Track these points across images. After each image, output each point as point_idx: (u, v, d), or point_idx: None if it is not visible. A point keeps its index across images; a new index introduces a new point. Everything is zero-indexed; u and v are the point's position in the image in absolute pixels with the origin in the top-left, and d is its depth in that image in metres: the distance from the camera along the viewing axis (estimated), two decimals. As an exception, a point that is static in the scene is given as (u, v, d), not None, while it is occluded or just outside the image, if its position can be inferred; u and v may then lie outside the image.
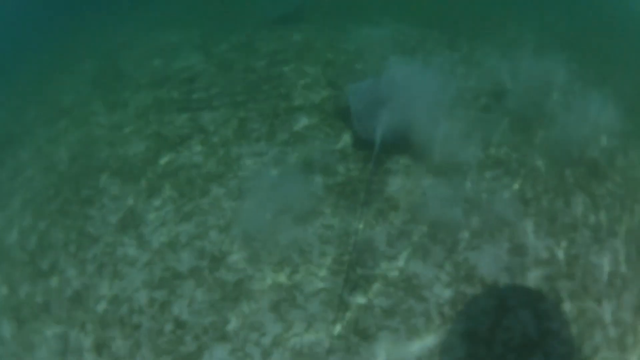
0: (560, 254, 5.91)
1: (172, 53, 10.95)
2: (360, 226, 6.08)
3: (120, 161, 7.76)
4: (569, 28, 12.66)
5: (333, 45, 10.12)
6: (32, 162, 8.63)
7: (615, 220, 6.50)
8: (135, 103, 9.32)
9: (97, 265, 6.26)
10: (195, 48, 10.96)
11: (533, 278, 5.68)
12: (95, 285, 6.12)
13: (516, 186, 6.71)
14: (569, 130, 7.72)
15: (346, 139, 7.29)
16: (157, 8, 14.37)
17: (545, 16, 13.03)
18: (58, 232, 6.84)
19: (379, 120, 6.92)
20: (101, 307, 5.89)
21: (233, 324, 5.36)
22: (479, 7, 12.75)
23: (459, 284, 5.54)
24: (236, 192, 6.74)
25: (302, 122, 7.73)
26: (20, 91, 12.21)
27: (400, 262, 5.73)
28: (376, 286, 5.55)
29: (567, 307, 5.47)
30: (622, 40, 12.75)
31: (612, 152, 7.51)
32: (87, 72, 11.46)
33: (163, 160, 7.59)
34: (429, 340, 5.13)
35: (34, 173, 8.27)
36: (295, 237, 6.02)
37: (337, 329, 5.24)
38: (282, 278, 5.71)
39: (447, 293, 5.47)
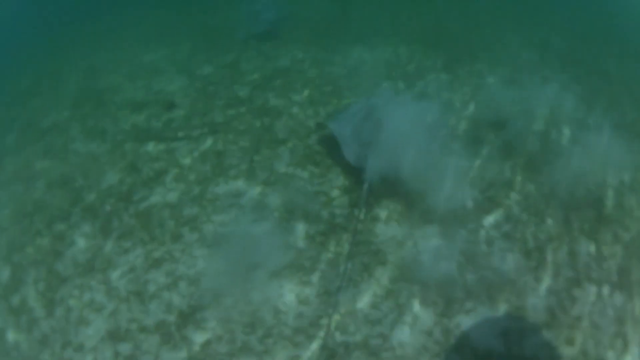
0: (562, 316, 5.24)
1: (156, 74, 10.33)
2: (343, 284, 5.41)
3: (94, 195, 7.16)
4: (567, 43, 11.96)
5: (322, 69, 9.48)
6: (6, 188, 7.98)
7: (624, 271, 5.81)
8: (113, 129, 8.69)
9: (65, 308, 5.71)
10: (179, 69, 10.34)
11: (531, 345, 5.00)
12: (62, 329, 5.55)
13: (517, 234, 6.02)
14: (575, 167, 7.06)
15: (332, 179, 6.64)
16: (147, 22, 13.71)
17: (543, 30, 12.35)
18: (29, 267, 6.31)
19: (368, 150, 6.32)
20: (67, 354, 5.31)
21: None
22: (474, 24, 12.07)
23: (448, 354, 4.87)
24: (210, 239, 6.11)
25: (285, 158, 7.08)
26: (2, 111, 11.56)
27: (385, 329, 5.06)
28: (356, 355, 4.88)
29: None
30: (624, 52, 12.02)
31: (621, 191, 6.82)
32: (70, 93, 10.81)
33: (136, 197, 6.97)
34: None
35: (8, 200, 7.62)
36: (269, 296, 5.36)
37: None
38: (254, 342, 5.05)
39: (435, 367, 4.81)
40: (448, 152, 6.96)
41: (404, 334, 5.02)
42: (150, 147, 7.86)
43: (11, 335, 5.68)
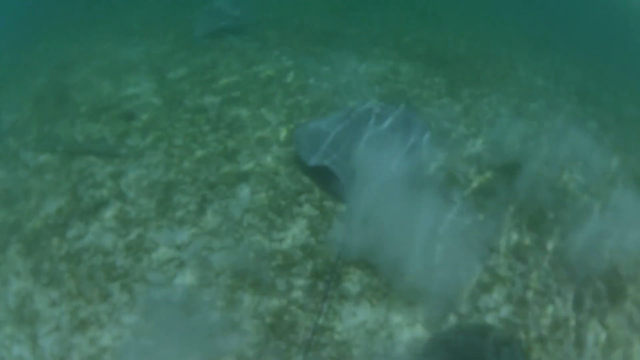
0: None
1: (126, 73, 8.75)
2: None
3: (32, 223, 5.71)
4: (581, 70, 10.34)
5: (308, 82, 7.82)
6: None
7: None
8: (66, 139, 7.15)
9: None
10: (152, 69, 8.73)
11: None
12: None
13: (518, 319, 4.48)
14: (590, 229, 5.46)
15: (296, 234, 5.07)
16: (135, 13, 12.02)
17: (556, 55, 10.63)
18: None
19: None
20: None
21: None
22: (485, 47, 10.29)
23: None
24: (140, 305, 4.65)
25: (244, 199, 5.52)
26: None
27: None
28: None
29: None
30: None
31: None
32: (37, 87, 9.25)
33: (71, 234, 5.48)
34: None
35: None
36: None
37: None
38: None
39: None
40: (441, 206, 5.35)
41: None
42: (97, 168, 6.31)
43: None
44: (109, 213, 5.64)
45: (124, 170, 6.22)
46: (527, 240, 5.41)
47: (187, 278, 4.81)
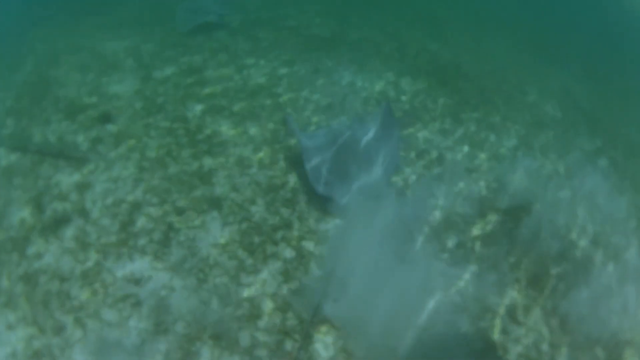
0: None
1: (110, 68, 7.98)
2: None
3: None
4: (589, 93, 9.62)
5: (300, 94, 7.04)
6: None
7: None
8: (39, 139, 6.47)
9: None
10: (137, 66, 7.96)
11: None
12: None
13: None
14: (595, 290, 4.82)
15: (267, 280, 4.34)
16: (131, 3, 11.11)
17: (563, 77, 9.85)
18: None
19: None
20: None
21: None
22: (492, 66, 9.47)
23: None
24: (92, 344, 4.07)
25: (213, 232, 4.82)
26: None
27: None
28: None
29: None
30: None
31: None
32: (20, 80, 8.48)
33: (31, 251, 4.89)
34: None
35: None
36: None
37: None
38: None
39: None
40: (427, 256, 4.64)
41: None
42: (65, 175, 5.59)
43: None
44: (69, 232, 5.01)
45: (91, 182, 5.53)
46: (525, 299, 4.70)
47: (142, 321, 4.12)
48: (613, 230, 5.86)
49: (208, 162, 5.59)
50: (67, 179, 5.68)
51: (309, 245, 4.69)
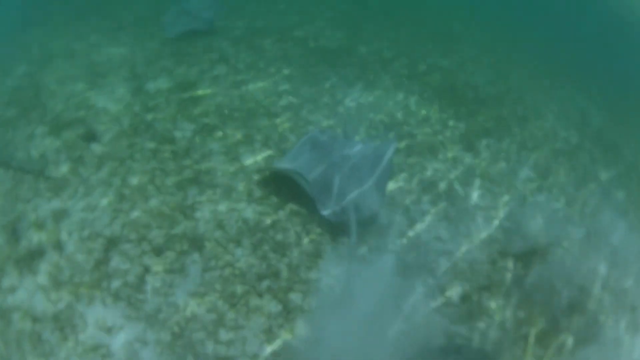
0: None
1: (102, 77, 7.56)
2: None
3: None
4: (605, 117, 9.17)
5: (300, 114, 6.54)
6: None
7: None
8: (22, 154, 6.05)
9: None
10: (130, 76, 7.51)
11: None
12: None
13: None
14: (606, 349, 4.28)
15: (247, 336, 3.89)
16: (125, 7, 10.66)
17: (580, 99, 9.27)
18: None
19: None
20: None
21: None
22: (508, 87, 8.88)
23: None
24: None
25: (192, 277, 4.36)
26: None
27: None
28: None
29: None
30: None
31: None
32: (11, 85, 8.10)
33: (5, 283, 4.53)
34: None
35: None
36: None
37: None
38: None
39: None
40: (429, 313, 4.12)
41: None
42: (44, 200, 5.20)
43: None
44: (44, 266, 4.61)
45: (69, 209, 5.10)
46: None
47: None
48: (628, 275, 5.31)
49: (193, 192, 5.12)
50: (45, 204, 5.28)
51: (297, 297, 4.20)
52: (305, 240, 4.63)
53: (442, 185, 5.70)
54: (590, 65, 11.38)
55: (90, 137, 6.25)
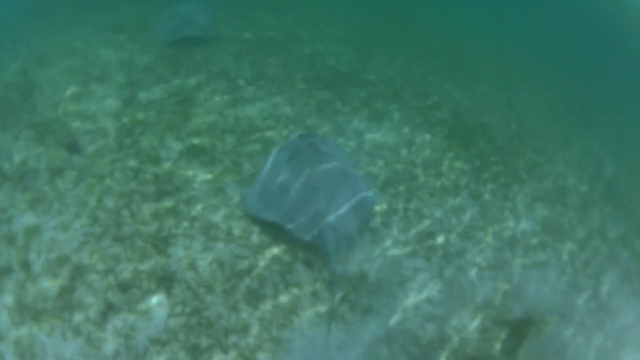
0: None
1: (96, 81, 7.35)
2: None
3: None
4: (623, 170, 8.83)
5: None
6: None
7: None
8: (3, 157, 5.81)
9: None
10: (124, 82, 7.27)
11: None
12: None
13: None
14: None
15: (203, 401, 3.54)
16: (127, 8, 10.44)
17: (593, 140, 8.93)
18: None
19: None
20: None
21: None
22: (519, 116, 8.59)
23: None
24: None
25: (156, 322, 4.09)
26: None
27: None
28: None
29: None
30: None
31: None
32: (3, 82, 7.86)
33: None
34: None
35: None
36: None
37: None
38: None
39: None
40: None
41: None
42: (19, 211, 5.02)
43: None
44: (9, 286, 4.35)
45: (41, 225, 4.90)
46: None
47: None
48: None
49: (169, 224, 4.83)
50: (20, 216, 5.04)
51: (265, 358, 3.88)
52: (282, 293, 4.32)
53: (440, 239, 5.39)
54: (608, 107, 11.07)
55: (73, 147, 6.01)
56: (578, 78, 12.36)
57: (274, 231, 4.79)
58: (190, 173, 5.45)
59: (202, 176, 5.42)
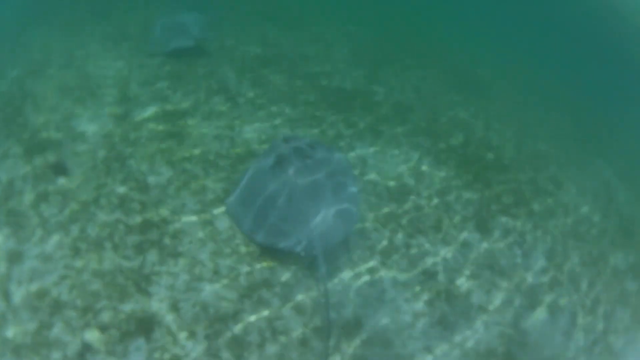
0: None
1: (90, 97, 7.18)
2: None
3: None
4: (637, 201, 8.43)
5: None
6: None
7: None
8: None
9: None
10: (119, 98, 7.10)
11: None
12: None
13: None
14: None
15: None
16: (133, 14, 10.31)
17: (610, 174, 8.62)
18: None
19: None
20: None
21: None
22: (535, 146, 8.29)
23: None
24: None
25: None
26: None
27: None
28: None
29: None
30: None
31: None
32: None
33: None
34: None
35: None
36: None
37: None
38: None
39: None
40: None
41: None
42: (2, 237, 4.81)
43: None
44: None
45: (23, 253, 4.70)
46: None
47: None
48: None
49: (153, 259, 4.60)
50: (2, 241, 4.80)
51: None
52: (269, 343, 4.05)
53: (442, 278, 5.09)
54: (624, 132, 10.72)
55: (60, 169, 5.83)
56: (592, 98, 12.03)
57: (264, 273, 4.53)
58: (178, 202, 5.22)
59: (191, 206, 5.18)
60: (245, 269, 4.57)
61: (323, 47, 9.66)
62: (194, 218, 5.01)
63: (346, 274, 4.78)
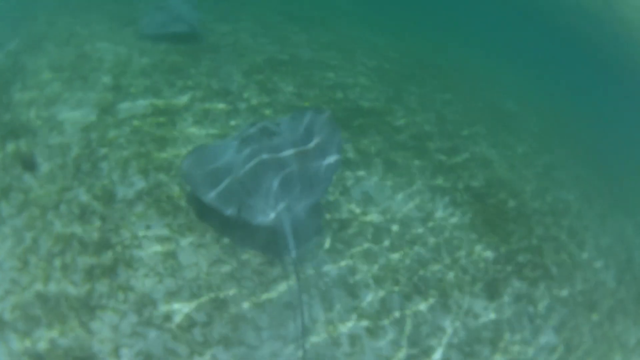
0: None
1: (80, 82, 6.85)
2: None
3: None
4: None
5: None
6: None
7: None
8: None
9: None
10: (110, 86, 6.67)
11: None
12: None
13: None
14: None
15: None
16: None
17: (631, 234, 7.93)
18: None
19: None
20: None
21: None
22: (557, 193, 7.66)
23: None
24: None
25: None
26: None
27: None
28: None
29: None
30: None
31: None
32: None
33: None
34: None
35: None
36: None
37: None
38: None
39: None
40: None
41: None
42: None
43: None
44: None
45: None
46: None
47: None
48: None
49: (101, 290, 4.09)
50: None
51: None
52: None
53: (438, 351, 4.48)
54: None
55: (29, 162, 5.39)
56: (620, 143, 11.30)
57: (223, 328, 3.97)
58: (143, 224, 4.68)
59: (156, 230, 4.64)
60: (201, 319, 4.02)
61: (346, 57, 9.07)
62: (156, 247, 4.48)
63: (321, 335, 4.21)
